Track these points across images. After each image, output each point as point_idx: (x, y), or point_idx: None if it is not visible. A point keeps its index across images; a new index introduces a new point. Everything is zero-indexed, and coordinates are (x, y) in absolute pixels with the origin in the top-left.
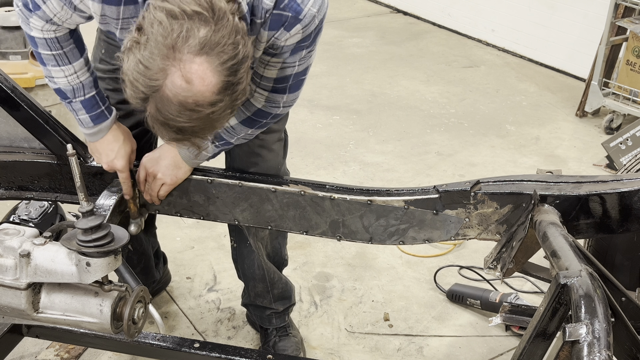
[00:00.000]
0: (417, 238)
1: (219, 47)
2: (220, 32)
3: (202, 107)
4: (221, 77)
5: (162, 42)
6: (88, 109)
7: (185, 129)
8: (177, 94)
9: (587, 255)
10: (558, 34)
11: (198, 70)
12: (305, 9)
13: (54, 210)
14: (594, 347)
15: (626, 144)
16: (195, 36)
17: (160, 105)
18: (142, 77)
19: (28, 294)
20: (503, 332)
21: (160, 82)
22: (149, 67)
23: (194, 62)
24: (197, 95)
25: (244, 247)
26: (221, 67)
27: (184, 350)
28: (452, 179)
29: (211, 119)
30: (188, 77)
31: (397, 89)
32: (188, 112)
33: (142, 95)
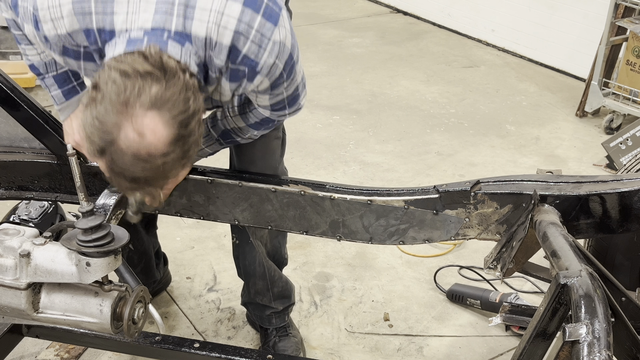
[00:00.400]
0: (417, 238)
1: (170, 102)
2: (171, 89)
3: (155, 158)
4: (172, 129)
5: (115, 99)
6: (60, 83)
7: (139, 179)
8: (130, 146)
9: (587, 255)
10: (558, 34)
11: (149, 124)
12: (261, 62)
13: (54, 210)
14: (594, 347)
15: (626, 144)
16: (147, 93)
17: (115, 157)
18: (97, 131)
19: (28, 294)
20: (503, 332)
21: (115, 136)
22: (104, 121)
23: (146, 116)
24: (149, 146)
25: (246, 244)
26: (172, 120)
27: (184, 350)
28: (452, 179)
29: (164, 169)
30: (140, 130)
31: (397, 89)
32: (141, 162)
33: (99, 148)
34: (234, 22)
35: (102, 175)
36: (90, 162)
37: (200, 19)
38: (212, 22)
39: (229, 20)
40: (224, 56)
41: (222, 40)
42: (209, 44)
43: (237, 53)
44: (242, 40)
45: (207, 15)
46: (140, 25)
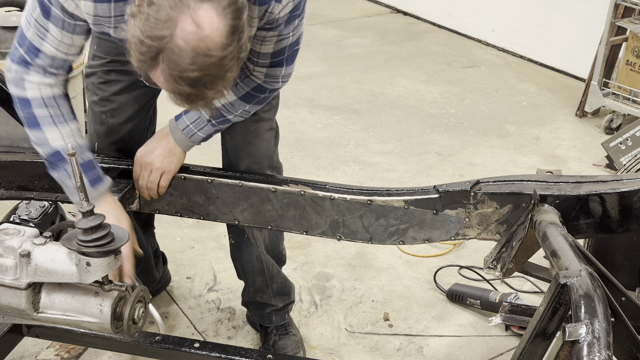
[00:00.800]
0: (417, 238)
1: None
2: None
3: (214, 52)
4: (227, 20)
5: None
6: (86, 171)
7: (199, 79)
8: (190, 40)
9: (587, 255)
10: (558, 34)
11: (205, 16)
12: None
13: (54, 210)
14: (594, 347)
15: (626, 144)
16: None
17: (173, 56)
18: (152, 30)
19: (28, 294)
20: (503, 332)
21: (171, 31)
22: (159, 18)
23: (201, 7)
24: (208, 39)
25: (243, 242)
26: (225, 11)
27: (184, 350)
28: (452, 179)
29: (222, 66)
30: (198, 21)
31: (397, 89)
32: (201, 57)
33: (153, 53)
34: None
35: None
36: None
37: None
38: None
39: None
40: None
41: None
42: None
43: None
44: None
45: None
46: None
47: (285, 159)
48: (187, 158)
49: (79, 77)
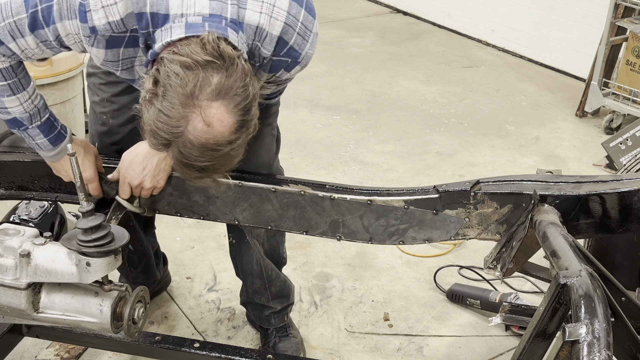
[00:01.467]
0: (417, 238)
1: (232, 90)
2: (232, 77)
3: (222, 146)
4: (237, 117)
5: (180, 91)
6: (46, 132)
7: (207, 168)
8: (199, 137)
9: (587, 255)
10: (558, 34)
11: (216, 114)
12: (303, 53)
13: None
14: (594, 347)
15: (626, 144)
16: (210, 83)
17: (183, 149)
18: (164, 125)
19: (28, 294)
20: (503, 332)
21: (182, 129)
22: (171, 115)
23: (212, 107)
24: (218, 136)
25: (243, 243)
26: (236, 108)
27: (184, 350)
28: (452, 179)
29: (230, 156)
30: (208, 120)
31: (397, 89)
32: (209, 152)
33: (165, 142)
34: (284, 14)
35: (102, 175)
36: None
37: (252, 9)
38: (264, 12)
39: (280, 12)
40: (272, 47)
41: (272, 30)
42: (259, 34)
43: (283, 45)
44: (290, 32)
45: (259, 6)
46: (197, 10)
47: (285, 159)
48: None
49: (79, 77)
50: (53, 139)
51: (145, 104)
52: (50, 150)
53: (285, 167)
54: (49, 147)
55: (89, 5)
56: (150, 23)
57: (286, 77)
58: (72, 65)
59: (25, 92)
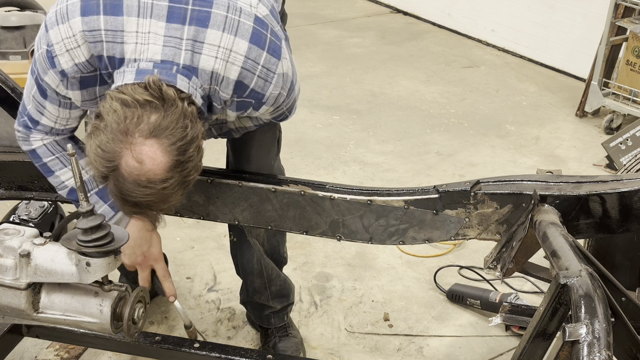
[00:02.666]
0: (417, 238)
1: (168, 130)
2: (169, 117)
3: (154, 184)
4: (171, 156)
5: (116, 128)
6: (105, 198)
7: (141, 203)
8: (131, 173)
9: (587, 255)
10: (558, 34)
11: (149, 152)
12: (267, 94)
13: (54, 210)
14: (594, 347)
15: (626, 144)
16: (146, 121)
17: (117, 182)
18: (100, 159)
19: (28, 294)
20: (503, 332)
21: (116, 163)
22: (106, 150)
23: (145, 144)
24: (149, 173)
25: (244, 242)
26: (170, 147)
27: (184, 350)
28: (452, 179)
29: (164, 194)
30: (139, 157)
31: (397, 89)
32: (142, 188)
33: (103, 174)
34: (241, 59)
35: None
36: None
37: (208, 54)
38: (220, 57)
39: (237, 57)
40: (230, 90)
41: (229, 75)
42: (215, 78)
43: (244, 88)
44: (250, 76)
45: (214, 52)
46: (149, 56)
47: (285, 159)
48: None
49: None
50: (113, 204)
51: (88, 136)
52: (113, 217)
53: (285, 167)
54: (110, 213)
55: (54, 51)
56: (108, 65)
57: (257, 114)
58: None
59: None
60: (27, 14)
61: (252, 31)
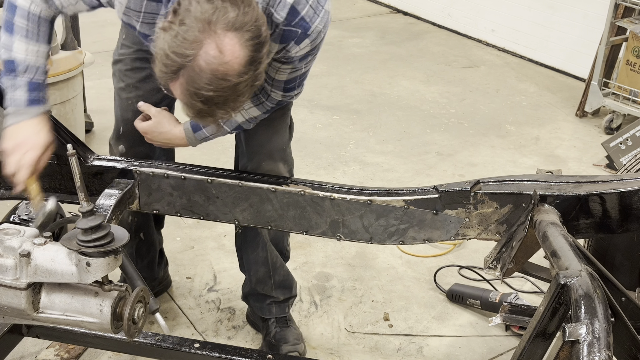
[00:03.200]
0: (417, 238)
1: (246, 26)
2: (247, 15)
3: (231, 77)
4: (248, 51)
5: (200, 17)
6: (31, 89)
7: (212, 99)
8: (210, 63)
9: (587, 255)
10: (558, 34)
11: (229, 44)
12: (313, 26)
13: None
14: (594, 347)
15: (626, 144)
16: (227, 16)
17: (192, 74)
18: (178, 47)
19: (28, 294)
20: (503, 332)
21: (195, 52)
22: (186, 38)
23: (226, 36)
24: (227, 65)
25: (250, 231)
26: (248, 42)
27: (184, 350)
28: (452, 179)
29: (236, 91)
30: (221, 48)
31: (397, 89)
32: (218, 80)
33: (175, 67)
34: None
35: (102, 175)
36: (90, 162)
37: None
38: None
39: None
40: (284, 13)
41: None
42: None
43: (295, 14)
44: (303, 2)
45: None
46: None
47: None
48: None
49: (79, 77)
50: (31, 98)
51: (161, 32)
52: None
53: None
54: (21, 104)
55: None
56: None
57: (295, 51)
58: (72, 65)
59: (36, 45)
60: None
61: None
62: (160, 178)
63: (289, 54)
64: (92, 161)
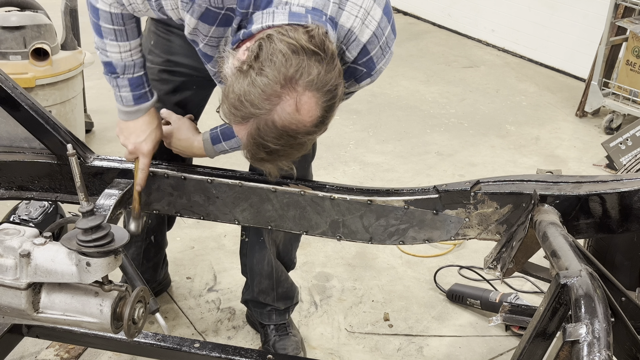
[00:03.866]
0: (417, 238)
1: (327, 86)
2: (330, 73)
3: (300, 135)
4: (322, 112)
5: (283, 71)
6: (134, 87)
7: (277, 152)
8: (284, 120)
9: (587, 255)
10: (558, 34)
11: (307, 103)
12: (378, 67)
13: (54, 210)
14: (594, 347)
15: (626, 144)
16: (310, 73)
17: (263, 126)
18: (255, 97)
19: (28, 294)
20: (503, 332)
21: (272, 107)
22: (265, 91)
23: (305, 94)
24: (300, 124)
25: (257, 242)
26: (324, 103)
27: (184, 350)
28: (452, 179)
29: (303, 146)
30: (299, 107)
31: (397, 89)
32: (287, 137)
33: (246, 115)
34: (375, 24)
35: (102, 175)
36: (90, 162)
37: (349, 12)
38: (359, 17)
39: (372, 21)
40: (356, 52)
41: (361, 37)
42: (347, 37)
43: (366, 53)
44: (375, 43)
45: (356, 10)
46: (302, 2)
47: None
48: None
49: (79, 77)
50: (137, 96)
51: (238, 74)
52: (129, 107)
53: None
54: (130, 102)
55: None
56: (252, 4)
57: (354, 89)
58: (72, 66)
59: (127, 43)
60: (27, 14)
61: (386, 2)
62: (160, 178)
63: (347, 90)
64: (92, 161)
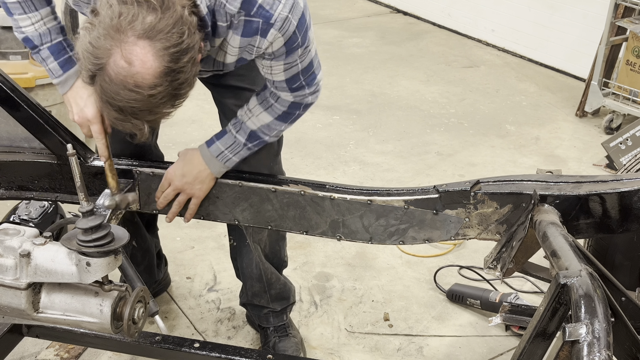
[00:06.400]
0: (417, 238)
1: (162, 33)
2: (165, 20)
3: (141, 89)
4: (162, 62)
5: (109, 24)
6: (56, 54)
7: (125, 109)
8: (118, 74)
9: (587, 255)
10: (558, 34)
11: (140, 53)
12: (276, 14)
13: (54, 210)
14: (594, 347)
15: (626, 144)
16: (141, 21)
17: (103, 83)
18: (90, 55)
19: (28, 294)
20: (503, 332)
21: (104, 61)
22: (96, 46)
23: (137, 44)
24: (137, 76)
25: (243, 246)
26: (163, 52)
27: (184, 350)
28: (452, 179)
29: (150, 102)
30: (129, 58)
31: (397, 89)
32: (127, 92)
33: (90, 74)
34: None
35: (102, 175)
36: (90, 162)
37: None
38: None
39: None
40: (238, 3)
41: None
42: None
43: (251, 2)
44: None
45: None
46: None
47: (285, 159)
48: None
49: None
50: (62, 62)
51: (82, 32)
52: (60, 76)
53: (285, 167)
54: (58, 71)
55: None
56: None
57: (266, 45)
58: None
59: (36, 13)
60: None
61: None
62: (160, 178)
63: (262, 50)
64: (92, 161)
